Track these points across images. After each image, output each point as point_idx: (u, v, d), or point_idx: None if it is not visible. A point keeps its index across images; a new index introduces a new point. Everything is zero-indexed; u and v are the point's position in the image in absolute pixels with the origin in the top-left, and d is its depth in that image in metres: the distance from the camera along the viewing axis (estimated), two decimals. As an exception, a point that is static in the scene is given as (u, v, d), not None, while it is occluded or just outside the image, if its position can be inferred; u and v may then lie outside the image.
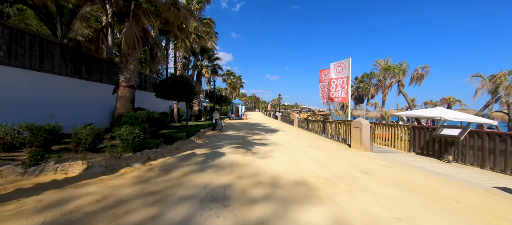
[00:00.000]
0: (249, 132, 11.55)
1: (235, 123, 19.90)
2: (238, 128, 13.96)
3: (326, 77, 15.11)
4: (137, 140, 5.50)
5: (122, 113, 7.49)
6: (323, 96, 15.23)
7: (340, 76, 13.06)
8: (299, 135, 11.05)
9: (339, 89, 12.89)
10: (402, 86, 12.86)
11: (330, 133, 10.05)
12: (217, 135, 10.16)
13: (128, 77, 7.70)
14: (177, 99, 11.90)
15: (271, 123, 20.40)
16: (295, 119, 16.60)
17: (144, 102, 13.92)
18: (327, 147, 7.40)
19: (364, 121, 6.81)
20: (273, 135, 10.53)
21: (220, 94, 26.43)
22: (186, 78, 12.18)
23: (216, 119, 11.32)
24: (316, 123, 12.51)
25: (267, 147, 7.04)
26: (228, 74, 45.90)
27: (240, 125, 17.36)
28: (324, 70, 15.23)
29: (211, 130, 11.81)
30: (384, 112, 19.57)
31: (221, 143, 7.59)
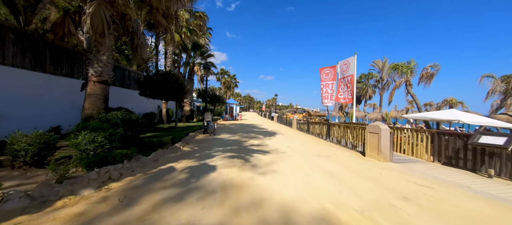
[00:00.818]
0: (245, 136, 10.36)
1: (229, 124, 18.65)
2: (233, 131, 12.73)
3: (327, 76, 14.13)
4: (101, 150, 4.21)
5: (91, 114, 6.14)
6: (325, 96, 14.23)
7: (346, 75, 12.08)
8: (300, 139, 9.95)
9: (345, 89, 11.90)
10: (410, 86, 12.10)
11: (335, 137, 9.00)
12: (208, 139, 8.91)
13: (100, 71, 6.35)
14: (165, 98, 10.57)
15: (268, 125, 19.28)
16: (294, 120, 15.55)
17: (127, 101, 12.47)
18: (337, 156, 6.31)
19: (383, 125, 5.76)
20: (272, 140, 9.38)
21: (213, 94, 25.08)
22: (174, 75, 10.86)
23: (208, 121, 10.07)
24: (318, 125, 11.46)
25: (268, 156, 5.87)
26: (222, 73, 44.45)
27: (235, 126, 16.13)
28: (325, 69, 14.23)
29: (202, 134, 10.54)
30: (385, 114, 18.83)
31: (213, 151, 6.36)
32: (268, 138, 9.81)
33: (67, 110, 8.22)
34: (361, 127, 6.90)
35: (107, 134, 4.37)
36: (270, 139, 9.65)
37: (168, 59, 16.08)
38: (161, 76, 10.14)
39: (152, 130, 11.43)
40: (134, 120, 6.37)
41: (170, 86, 10.24)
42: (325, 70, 14.15)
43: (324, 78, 14.31)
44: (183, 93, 11.29)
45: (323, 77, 14.35)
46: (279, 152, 6.54)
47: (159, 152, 5.28)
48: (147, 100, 11.65)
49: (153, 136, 9.12)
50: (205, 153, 5.91)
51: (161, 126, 14.11)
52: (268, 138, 10.00)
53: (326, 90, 14.34)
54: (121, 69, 12.23)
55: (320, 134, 10.98)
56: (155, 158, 4.81)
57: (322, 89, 14.29)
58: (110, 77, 6.75)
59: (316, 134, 11.45)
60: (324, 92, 14.45)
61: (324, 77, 14.26)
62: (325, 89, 14.38)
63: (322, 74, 14.38)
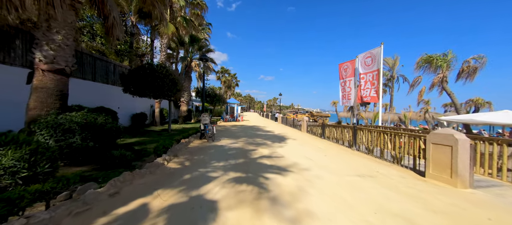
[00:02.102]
0: (250, 142, 8.54)
1: (230, 126, 16.84)
2: (235, 135, 10.92)
3: (346, 72, 12.30)
4: (10, 181, 2.39)
5: (39, 116, 4.32)
6: (344, 95, 12.42)
7: (369, 69, 10.26)
8: (318, 147, 8.13)
9: (368, 86, 10.09)
10: (445, 82, 10.36)
11: (364, 144, 7.20)
12: (205, 148, 7.10)
13: (52, 55, 4.53)
14: (154, 96, 8.76)
15: (273, 127, 17.46)
16: (304, 122, 13.73)
17: (111, 100, 10.63)
18: (384, 176, 4.49)
19: (459, 134, 3.94)
20: (284, 147, 7.57)
21: (213, 93, 23.30)
22: (166, 68, 9.05)
23: (205, 123, 8.25)
24: (337, 129, 9.64)
25: (288, 177, 4.06)
26: (222, 72, 42.62)
27: (237, 129, 14.31)
28: (345, 64, 12.41)
29: (198, 139, 8.71)
30: (403, 115, 17.01)
31: (210, 168, 4.54)
32: (279, 145, 7.99)
33: (6, 112, 6.07)
34: (414, 135, 5.09)
35: (24, 151, 2.53)
36: (281, 146, 7.84)
37: (162, 53, 14.26)
38: (149, 69, 8.32)
39: (140, 134, 9.62)
40: (99, 124, 4.55)
41: (160, 81, 8.43)
42: (343, 66, 12.35)
43: (343, 75, 12.50)
44: (176, 90, 9.48)
45: (342, 73, 12.55)
46: (301, 168, 4.73)
47: (127, 175, 3.44)
48: (137, 99, 9.84)
49: (135, 143, 7.29)
50: (199, 174, 4.09)
51: (153, 129, 12.30)
52: (278, 144, 8.19)
53: (344, 88, 12.54)
54: (104, 62, 10.40)
55: (340, 140, 9.16)
56: (114, 189, 2.97)
57: (343, 87, 12.49)
58: (69, 66, 4.92)
59: (335, 140, 9.63)
60: (342, 90, 12.65)
61: (343, 74, 12.45)
62: (343, 87, 12.57)
63: (341, 70, 12.57)
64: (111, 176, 3.83)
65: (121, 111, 11.84)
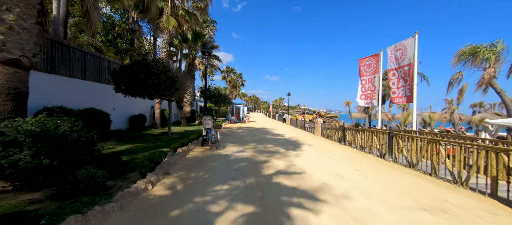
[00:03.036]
0: (261, 149, 7.24)
1: (236, 128, 15.60)
2: (242, 139, 9.64)
3: (369, 69, 10.82)
4: None
5: (-19, 123, 3.16)
6: (367, 95, 10.95)
7: (400, 64, 8.77)
8: (342, 156, 6.74)
9: (401, 84, 8.60)
10: (493, 78, 8.71)
11: (404, 155, 5.76)
12: (207, 158, 5.85)
13: (1, 41, 3.38)
14: (149, 95, 7.59)
15: (282, 129, 16.10)
16: (318, 125, 12.31)
17: (105, 100, 9.58)
18: (462, 209, 3.09)
19: None
20: (302, 157, 6.22)
21: (218, 93, 22.13)
22: (162, 64, 7.88)
23: (207, 128, 6.99)
24: (361, 133, 8.20)
25: (324, 214, 2.74)
26: (227, 71, 41.51)
27: (244, 132, 13.04)
28: (367, 59, 10.93)
29: (200, 146, 7.47)
30: (428, 116, 15.30)
31: (209, 197, 3.26)
32: (295, 154, 6.66)
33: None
34: (493, 148, 3.65)
35: None
36: (298, 155, 6.50)
37: (163, 50, 13.17)
38: (142, 64, 7.16)
39: (135, 139, 8.49)
40: (60, 134, 3.35)
41: (155, 78, 7.26)
42: (365, 61, 10.88)
43: (364, 72, 11.03)
44: (175, 89, 8.30)
45: (363, 70, 11.08)
46: (336, 195, 3.39)
47: (79, 219, 2.19)
48: (135, 99, 8.71)
49: (125, 152, 6.13)
50: (193, 210, 2.81)
51: (152, 132, 11.20)
52: (293, 152, 6.85)
53: (366, 86, 11.06)
54: (96, 58, 9.35)
55: (366, 147, 7.73)
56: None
57: (364, 86, 11.01)
58: (28, 56, 3.76)
59: (358, 146, 8.20)
60: (363, 88, 11.17)
61: (364, 71, 10.98)
62: (364, 86, 11.10)
63: (362, 67, 11.10)
64: (67, 211, 2.63)
65: (117, 113, 10.79)
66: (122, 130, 10.42)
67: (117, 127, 10.89)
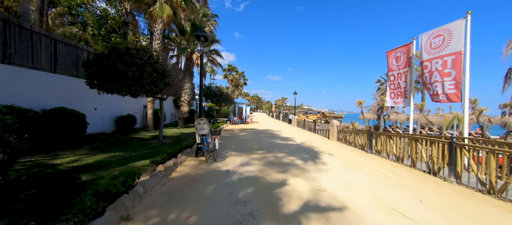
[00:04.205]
0: (272, 161, 5.63)
1: (238, 130, 14.00)
2: (246, 145, 8.03)
3: (399, 62, 9.14)
4: None
5: None
6: (397, 93, 9.27)
7: (442, 53, 7.09)
8: (384, 174, 5.10)
9: (447, 79, 6.92)
10: None
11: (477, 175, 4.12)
12: (198, 179, 4.25)
13: None
14: (129, 92, 5.99)
15: (290, 131, 14.46)
16: (334, 127, 10.64)
17: (84, 98, 8.05)
18: None
19: None
20: (330, 175, 4.60)
21: (219, 91, 20.54)
22: (148, 53, 6.31)
23: (202, 135, 5.37)
24: (402, 139, 6.53)
25: None
26: (229, 70, 39.87)
27: (247, 135, 11.45)
28: (397, 50, 9.23)
29: (193, 156, 5.87)
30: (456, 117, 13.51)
31: None
32: (317, 169, 5.04)
33: None
34: None
35: None
36: (322, 171, 4.88)
37: (156, 41, 11.62)
38: (121, 52, 5.59)
39: (117, 145, 6.96)
40: None
41: (138, 70, 5.69)
42: (394, 53, 9.21)
43: (393, 66, 9.35)
44: (164, 84, 6.72)
45: (392, 64, 9.41)
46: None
47: None
48: (122, 98, 7.10)
49: (93, 166, 4.56)
50: None
51: (141, 136, 9.65)
52: (314, 166, 5.24)
53: (393, 83, 9.41)
54: (71, 48, 7.80)
55: (406, 158, 6.08)
56: None
57: (393, 82, 9.35)
58: None
59: (394, 157, 6.55)
60: (391, 86, 9.51)
61: (394, 64, 9.31)
62: (393, 82, 9.44)
63: (391, 60, 9.43)
64: None
65: (100, 114, 9.26)
66: (105, 134, 8.89)
67: (101, 130, 9.36)
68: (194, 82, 30.22)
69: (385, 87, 25.54)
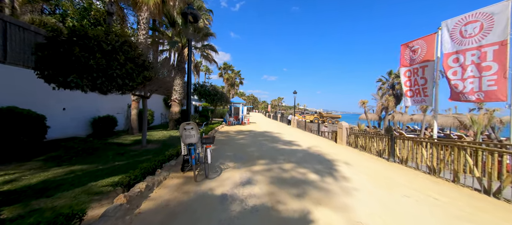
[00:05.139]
0: (281, 177, 4.37)
1: (235, 132, 12.69)
2: (244, 152, 6.74)
3: (415, 55, 8.02)
4: None
5: None
6: (415, 91, 8.14)
7: (481, 43, 6.00)
8: (428, 193, 3.91)
9: (486, 73, 5.82)
10: None
11: None
12: (182, 212, 2.93)
13: None
14: (93, 86, 4.59)
15: (290, 133, 13.24)
16: (343, 130, 9.46)
17: (52, 95, 6.59)
18: None
19: None
20: (363, 199, 3.38)
21: (214, 90, 19.10)
22: (122, 37, 4.93)
23: (190, 144, 4.03)
24: (433, 147, 5.38)
25: None
26: (225, 68, 38.37)
27: (245, 138, 10.14)
28: (414, 42, 8.07)
29: (180, 171, 4.53)
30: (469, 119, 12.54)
31: None
32: (341, 189, 3.82)
33: None
34: None
35: None
36: (350, 194, 3.66)
37: (141, 32, 10.18)
38: (82, 34, 4.21)
39: (84, 155, 5.56)
40: None
41: (104, 57, 4.32)
42: (411, 46, 8.06)
43: (407, 60, 8.22)
44: (142, 77, 5.36)
45: (407, 57, 8.27)
46: None
47: None
48: (100, 96, 5.65)
49: (29, 191, 3.14)
50: None
51: (122, 140, 8.21)
52: (336, 184, 4.02)
53: (409, 79, 8.30)
54: (28, 32, 6.31)
55: (447, 170, 4.93)
56: None
57: (409, 78, 8.23)
58: None
59: (427, 168, 5.40)
60: (406, 82, 8.40)
61: (409, 58, 8.18)
62: (407, 79, 8.33)
63: (406, 54, 8.29)
64: None
65: (71, 115, 7.77)
66: (77, 139, 7.40)
67: (73, 134, 7.89)
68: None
69: (387, 87, 24.70)
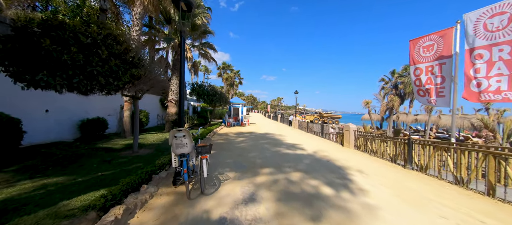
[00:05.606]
0: (290, 191, 3.72)
1: (234, 134, 12.05)
2: (246, 159, 6.09)
3: (430, 52, 7.39)
4: None
5: None
6: (427, 91, 7.53)
7: (504, 39, 5.40)
8: (461, 210, 3.29)
9: (504, 71, 5.23)
10: None
11: None
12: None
13: None
14: (69, 86, 3.95)
15: (293, 135, 12.62)
16: (351, 132, 8.83)
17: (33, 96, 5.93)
18: None
19: None
20: (381, 214, 2.75)
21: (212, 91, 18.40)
22: (105, 30, 4.28)
23: (181, 154, 3.38)
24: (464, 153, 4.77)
25: None
26: (224, 68, 37.66)
27: (246, 141, 9.50)
28: (425, 38, 7.45)
29: (171, 185, 3.88)
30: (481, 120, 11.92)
31: None
32: (361, 205, 3.19)
33: None
34: None
35: None
36: (372, 211, 3.03)
37: (134, 28, 9.53)
38: (55, 24, 3.56)
39: (64, 164, 4.90)
40: None
41: (80, 52, 3.67)
42: (422, 42, 7.45)
43: (418, 57, 7.61)
44: (130, 76, 4.71)
45: (417, 54, 7.65)
46: None
47: None
48: (88, 96, 4.98)
49: None
50: None
51: (112, 145, 7.54)
52: (354, 199, 3.39)
53: (418, 78, 7.70)
54: (4, 26, 5.65)
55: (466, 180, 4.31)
56: None
57: (418, 77, 7.64)
58: None
59: (454, 179, 4.77)
60: (416, 81, 7.80)
61: (419, 55, 7.57)
62: (417, 77, 7.74)
63: (416, 50, 7.67)
64: None
65: (55, 117, 7.10)
66: (62, 144, 6.75)
67: (57, 138, 7.23)
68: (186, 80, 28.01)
69: (389, 86, 24.13)
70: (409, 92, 21.47)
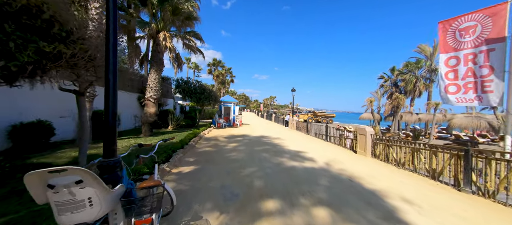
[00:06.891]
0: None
1: (225, 138, 10.15)
2: (238, 179, 4.25)
3: (470, 36, 5.76)
4: None
5: None
6: (464, 86, 5.96)
7: None
8: None
9: None
10: None
11: None
12: None
13: None
14: None
15: (293, 139, 10.90)
16: (367, 136, 7.20)
17: None
18: None
19: None
20: None
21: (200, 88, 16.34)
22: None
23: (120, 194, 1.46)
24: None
25: None
26: (215, 64, 35.42)
27: (238, 148, 7.64)
28: (462, 18, 5.83)
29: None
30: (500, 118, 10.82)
31: None
32: None
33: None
34: None
35: None
36: None
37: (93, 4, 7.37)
38: None
39: None
40: None
41: None
42: (459, 23, 5.87)
43: (452, 44, 6.03)
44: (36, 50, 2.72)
45: (451, 41, 6.07)
46: None
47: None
48: (25, 91, 2.93)
49: None
50: None
51: (53, 159, 5.36)
52: None
53: (453, 70, 6.13)
54: None
55: None
56: None
57: (452, 68, 6.06)
58: None
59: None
60: (447, 74, 6.22)
61: (456, 39, 5.98)
62: (450, 69, 6.18)
63: (452, 34, 6.07)
64: None
65: None
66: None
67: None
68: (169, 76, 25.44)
69: (389, 84, 23.02)
70: (410, 90, 20.39)
